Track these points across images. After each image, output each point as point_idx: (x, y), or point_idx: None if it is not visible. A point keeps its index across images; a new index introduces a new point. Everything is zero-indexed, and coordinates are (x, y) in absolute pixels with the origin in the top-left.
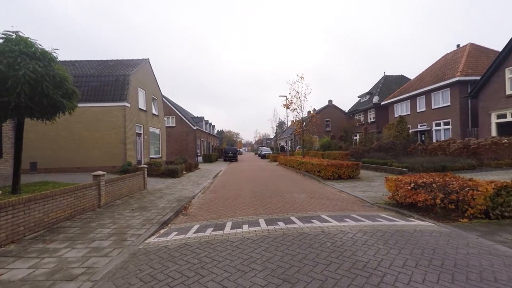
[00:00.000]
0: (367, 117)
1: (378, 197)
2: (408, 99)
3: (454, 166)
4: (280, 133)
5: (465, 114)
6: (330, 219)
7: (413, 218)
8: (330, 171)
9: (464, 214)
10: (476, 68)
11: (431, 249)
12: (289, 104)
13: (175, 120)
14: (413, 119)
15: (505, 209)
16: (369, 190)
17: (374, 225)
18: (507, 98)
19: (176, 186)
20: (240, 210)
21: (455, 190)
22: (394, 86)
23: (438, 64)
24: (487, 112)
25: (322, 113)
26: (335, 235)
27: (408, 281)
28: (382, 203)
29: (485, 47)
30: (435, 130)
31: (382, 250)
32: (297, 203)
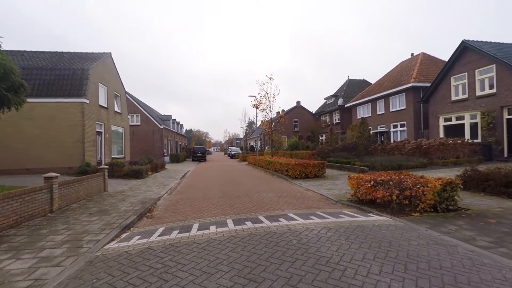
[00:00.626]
0: (332, 118)
1: (341, 194)
2: (369, 102)
3: (408, 165)
4: (250, 133)
5: (418, 117)
6: (297, 217)
7: (373, 214)
8: (298, 170)
9: (416, 209)
10: (427, 76)
11: (388, 242)
12: (258, 104)
13: (140, 118)
14: (374, 121)
15: (450, 203)
16: (334, 188)
17: (337, 221)
18: (452, 104)
19: (140, 188)
20: (207, 211)
21: (409, 187)
22: (357, 89)
23: (395, 70)
24: (436, 116)
25: (290, 113)
26: (301, 233)
27: (367, 273)
28: (345, 200)
29: (434, 57)
30: (392, 132)
31: (344, 245)
32: (265, 203)
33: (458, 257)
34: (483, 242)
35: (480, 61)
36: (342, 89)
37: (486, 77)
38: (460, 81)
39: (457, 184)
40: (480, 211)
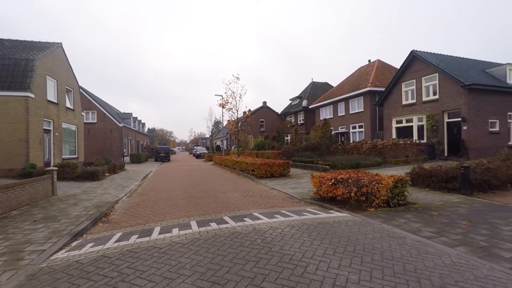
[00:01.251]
0: (297, 119)
1: (305, 192)
2: (331, 104)
3: (365, 163)
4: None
5: (374, 119)
6: (262, 216)
7: (333, 210)
8: (263, 169)
9: (372, 204)
10: (382, 81)
11: (346, 237)
12: (224, 104)
13: (97, 115)
14: (335, 122)
15: (400, 198)
16: (298, 187)
17: (300, 219)
18: (403, 107)
19: (95, 191)
20: (170, 213)
21: (365, 184)
22: (320, 91)
23: (354, 75)
24: (389, 118)
25: (257, 114)
26: (265, 232)
27: (327, 268)
28: (308, 198)
29: (388, 64)
30: (352, 132)
31: (306, 242)
32: (231, 203)
33: (406, 247)
34: (427, 233)
35: (426, 70)
36: (306, 91)
37: (430, 84)
38: (410, 87)
39: (406, 181)
40: (425, 205)
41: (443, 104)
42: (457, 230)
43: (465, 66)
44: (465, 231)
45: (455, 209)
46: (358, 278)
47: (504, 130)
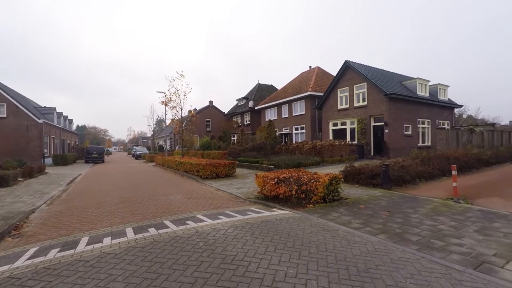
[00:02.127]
0: (243, 120)
1: (250, 192)
2: (276, 106)
3: (306, 163)
4: (159, 131)
5: (314, 121)
6: (205, 218)
7: (276, 209)
8: (209, 170)
9: (310, 201)
10: (321, 86)
11: (287, 234)
12: (167, 102)
13: (7, 109)
14: (280, 123)
15: (335, 194)
16: (243, 187)
17: (244, 219)
18: (338, 111)
19: (4, 199)
20: (102, 221)
21: (305, 182)
22: (265, 93)
23: (297, 79)
24: (327, 121)
25: (202, 113)
26: (208, 234)
27: (268, 265)
28: (253, 197)
29: (327, 71)
30: (294, 133)
31: (249, 241)
32: (173, 206)
33: (338, 239)
34: (356, 224)
35: (357, 79)
36: (252, 92)
37: (360, 92)
38: (344, 93)
39: (340, 178)
40: (355, 199)
41: (370, 109)
42: (379, 220)
43: (387, 78)
44: (385, 221)
45: (378, 202)
46: (296, 272)
47: (415, 133)
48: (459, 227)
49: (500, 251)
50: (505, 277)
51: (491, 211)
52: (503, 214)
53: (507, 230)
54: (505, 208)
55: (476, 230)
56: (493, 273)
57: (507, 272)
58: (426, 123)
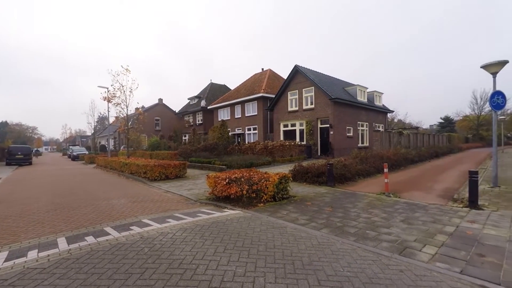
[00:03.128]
0: (196, 119)
1: (201, 193)
2: (229, 106)
3: (258, 163)
4: (101, 130)
5: (266, 122)
6: (152, 222)
7: (227, 209)
8: (157, 171)
9: (261, 200)
10: (273, 88)
11: (237, 233)
12: (111, 98)
13: None
14: (232, 124)
15: (284, 193)
16: (194, 188)
17: (194, 220)
18: (289, 113)
19: None
20: (27, 231)
21: (256, 182)
22: (218, 93)
23: (250, 81)
24: (278, 122)
25: (151, 111)
26: (154, 239)
27: (217, 266)
28: (204, 199)
29: (278, 74)
30: (247, 134)
31: (198, 244)
32: (115, 210)
33: (286, 235)
34: (302, 221)
35: (306, 83)
36: (205, 91)
37: (309, 95)
38: (294, 96)
39: (289, 177)
40: (302, 197)
41: (317, 112)
42: (323, 215)
43: (332, 83)
44: (328, 216)
45: (323, 199)
46: (244, 270)
47: (355, 135)
48: (389, 218)
49: (419, 237)
50: (421, 258)
51: (414, 203)
52: (423, 205)
53: (425, 218)
54: (424, 200)
55: (402, 220)
56: (413, 256)
57: (423, 254)
58: (365, 126)
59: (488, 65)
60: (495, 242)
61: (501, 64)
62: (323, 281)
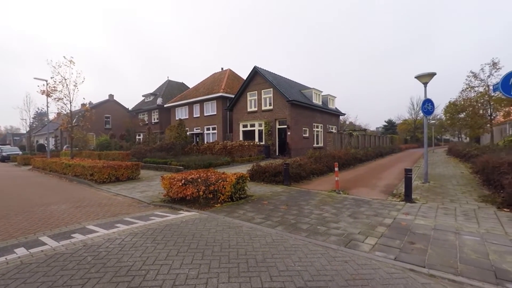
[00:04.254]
0: (151, 117)
1: (155, 195)
2: (187, 105)
3: (217, 163)
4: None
5: (225, 122)
6: (98, 228)
7: (183, 211)
8: (106, 173)
9: (218, 200)
10: (232, 88)
11: (191, 235)
12: (51, 92)
13: None
14: (191, 123)
15: (241, 193)
16: (148, 190)
17: (146, 224)
18: (248, 114)
19: None
20: None
21: (213, 182)
22: (176, 91)
23: (209, 80)
24: (238, 122)
25: (101, 108)
26: (100, 246)
27: (168, 270)
28: (158, 201)
29: (237, 74)
30: (206, 134)
31: (149, 248)
32: (54, 217)
33: (242, 235)
34: (258, 219)
35: (265, 84)
36: (161, 88)
37: (267, 97)
38: (253, 97)
39: (246, 177)
40: (259, 196)
41: (275, 113)
42: (278, 213)
43: (289, 86)
44: (283, 214)
45: (279, 197)
46: (197, 272)
47: (311, 135)
48: (338, 214)
49: (363, 229)
50: (364, 249)
51: (360, 198)
52: (367, 200)
53: (368, 212)
54: (368, 195)
55: (349, 215)
56: (357, 247)
57: (366, 245)
58: (320, 127)
59: (421, 75)
60: (423, 231)
61: (430, 75)
62: (275, 276)
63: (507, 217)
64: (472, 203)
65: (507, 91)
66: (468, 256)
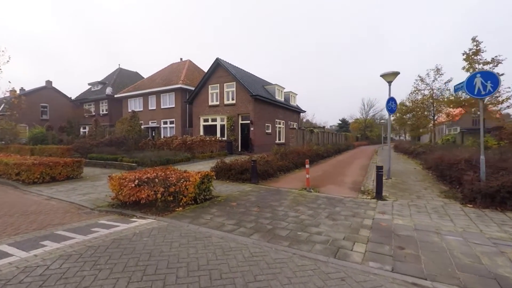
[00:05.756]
0: (99, 108)
1: (101, 198)
2: (141, 96)
3: (176, 159)
4: None
5: (184, 116)
6: (13, 249)
7: (136, 217)
8: (38, 172)
9: (180, 204)
10: (192, 80)
11: (147, 254)
12: None
13: None
14: (146, 116)
15: (207, 194)
16: (92, 192)
17: (85, 240)
18: (209, 107)
19: None
20: None
21: (173, 183)
22: (128, 81)
23: (167, 70)
24: (198, 116)
25: (35, 95)
26: (8, 281)
27: None
28: (105, 205)
29: (198, 66)
30: (163, 128)
31: (85, 280)
32: None
33: (212, 248)
34: (229, 226)
35: (227, 78)
36: (111, 77)
37: (230, 91)
38: (215, 90)
39: (212, 176)
40: (226, 197)
41: (238, 108)
42: (251, 217)
43: (253, 81)
44: (256, 217)
45: (248, 198)
46: None
47: (273, 131)
48: (315, 215)
49: (346, 234)
50: (355, 259)
51: (332, 197)
52: (340, 199)
53: (345, 213)
54: (339, 193)
55: (326, 216)
56: (347, 257)
57: (356, 254)
58: (282, 124)
59: (385, 74)
60: (406, 232)
61: (394, 74)
62: None
63: (474, 213)
64: (437, 199)
65: (471, 91)
66: (462, 261)
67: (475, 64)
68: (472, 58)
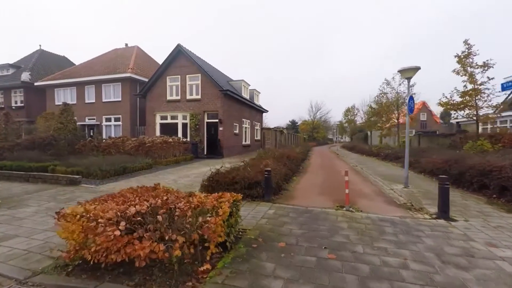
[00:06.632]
0: (10, 99)
1: (36, 251)
2: (74, 86)
3: (135, 167)
4: None
5: (135, 112)
6: None
7: None
8: None
9: (205, 258)
10: (144, 70)
11: None
12: None
13: None
14: (81, 110)
15: (235, 230)
16: (15, 235)
17: None
18: (168, 103)
19: None
20: None
21: (199, 223)
22: (54, 66)
23: (109, 56)
24: (153, 113)
25: None
26: None
27: None
28: (49, 268)
29: (148, 55)
30: (105, 125)
31: None
32: None
33: None
34: None
35: (191, 68)
36: (29, 60)
37: (194, 84)
38: (175, 82)
39: (240, 199)
40: (254, 229)
41: (204, 104)
42: (337, 275)
43: (218, 75)
44: (346, 272)
45: (287, 229)
46: None
47: (241, 132)
48: (419, 258)
49: None
50: None
51: (388, 218)
52: (400, 221)
53: (449, 250)
54: (384, 211)
55: (435, 257)
56: None
57: None
58: (247, 123)
59: (404, 70)
60: None
61: (414, 70)
62: None
63: None
64: (495, 213)
65: None
66: None
67: (467, 67)
68: (464, 62)
